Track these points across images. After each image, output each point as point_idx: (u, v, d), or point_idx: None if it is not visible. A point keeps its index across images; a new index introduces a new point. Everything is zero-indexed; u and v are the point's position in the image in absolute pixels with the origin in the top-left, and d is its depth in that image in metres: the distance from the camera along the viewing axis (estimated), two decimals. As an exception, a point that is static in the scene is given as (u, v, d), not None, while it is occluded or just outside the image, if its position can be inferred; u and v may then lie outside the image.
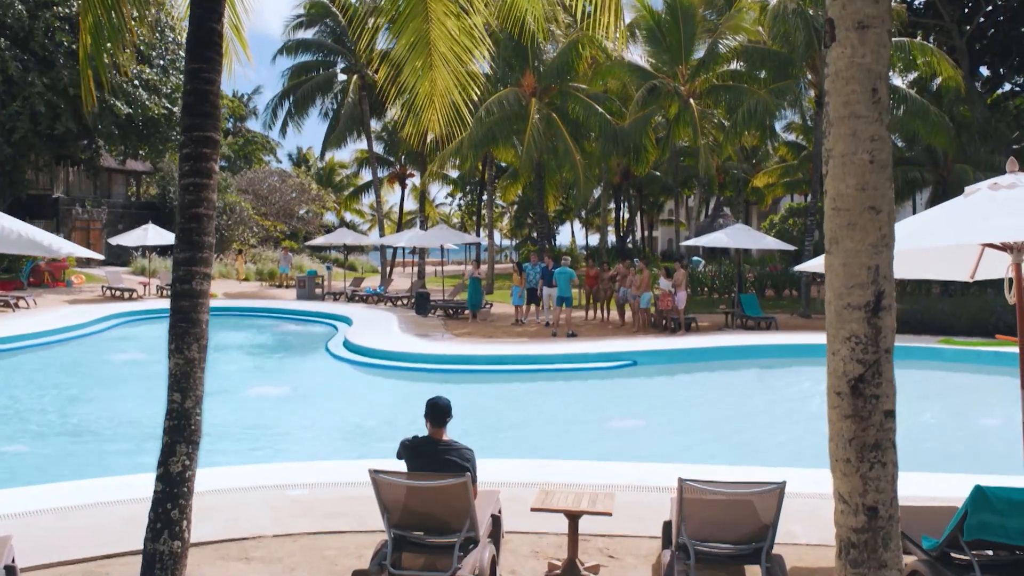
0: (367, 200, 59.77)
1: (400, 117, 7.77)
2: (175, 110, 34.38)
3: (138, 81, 33.10)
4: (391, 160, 49.59)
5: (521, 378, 15.85)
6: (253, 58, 7.94)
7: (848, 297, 2.69)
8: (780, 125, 36.27)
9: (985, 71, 36.50)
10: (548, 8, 10.35)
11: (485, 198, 44.53)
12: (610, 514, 5.57)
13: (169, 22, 33.30)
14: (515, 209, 62.32)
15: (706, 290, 33.33)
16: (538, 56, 30.24)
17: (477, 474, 5.61)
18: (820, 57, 23.40)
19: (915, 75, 29.02)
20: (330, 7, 37.51)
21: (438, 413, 5.52)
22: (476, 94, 8.01)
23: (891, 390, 2.70)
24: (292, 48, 38.45)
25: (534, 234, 54.53)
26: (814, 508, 7.03)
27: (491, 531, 5.88)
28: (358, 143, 42.69)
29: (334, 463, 9.01)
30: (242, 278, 39.94)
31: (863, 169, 2.66)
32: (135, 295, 29.85)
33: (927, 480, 8.23)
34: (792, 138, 42.97)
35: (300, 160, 71.10)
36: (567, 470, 8.51)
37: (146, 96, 33.45)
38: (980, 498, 4.59)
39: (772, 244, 22.87)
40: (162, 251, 37.81)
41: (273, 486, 7.79)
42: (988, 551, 5.06)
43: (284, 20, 38.43)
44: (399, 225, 53.95)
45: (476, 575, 5.21)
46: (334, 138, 39.22)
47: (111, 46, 5.85)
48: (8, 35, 30.29)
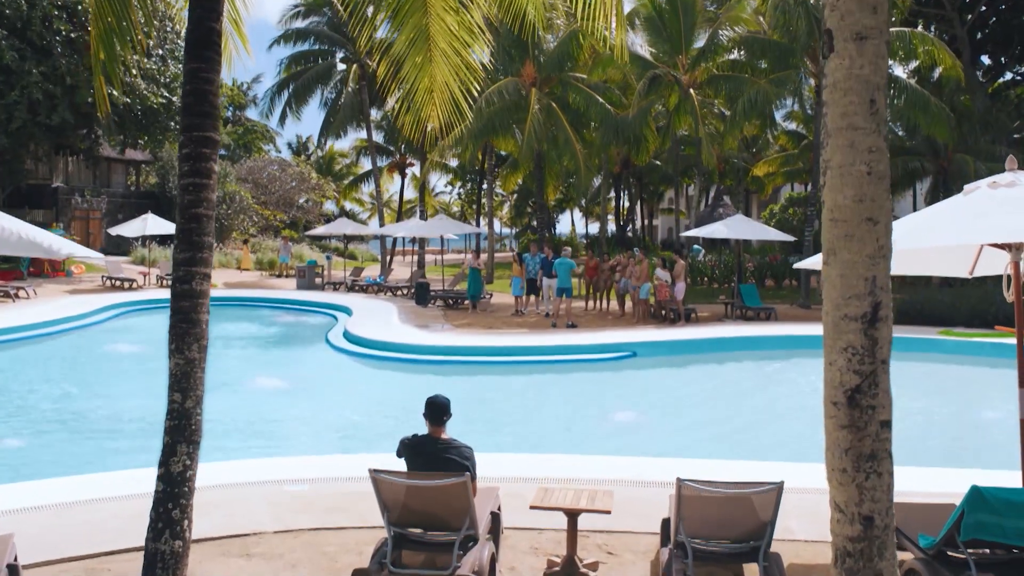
0: (367, 189, 59.70)
1: (400, 111, 7.73)
2: (174, 99, 34.30)
3: (136, 70, 33.02)
4: (391, 149, 49.51)
5: (521, 370, 15.89)
6: (251, 45, 7.91)
7: (845, 308, 2.70)
8: (780, 114, 36.21)
9: (986, 60, 36.43)
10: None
11: (485, 187, 44.46)
12: (609, 512, 5.60)
13: (168, 12, 33.18)
14: (515, 198, 62.25)
15: (706, 280, 33.35)
16: (538, 46, 30.15)
17: (476, 471, 5.64)
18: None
19: (916, 64, 28.95)
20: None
21: (436, 412, 5.53)
22: (476, 89, 7.99)
23: (887, 400, 2.71)
24: (291, 37, 38.34)
25: (534, 223, 54.52)
26: (812, 504, 7.06)
27: (490, 528, 5.91)
28: (358, 132, 42.63)
29: (334, 458, 9.05)
30: (248, 267, 39.94)
31: (861, 181, 2.67)
32: (135, 285, 29.85)
33: (925, 475, 8.27)
34: (792, 127, 42.90)
35: (300, 149, 70.99)
36: (567, 465, 8.53)
37: (144, 86, 33.38)
38: (976, 498, 4.61)
39: (772, 235, 22.86)
40: (162, 240, 37.79)
41: (273, 481, 7.82)
42: (985, 549, 5.09)
43: (282, 9, 38.33)
44: (399, 214, 53.90)
45: (475, 572, 5.24)
46: (334, 128, 39.12)
47: (121, 51, 5.84)
48: (5, 24, 30.19)
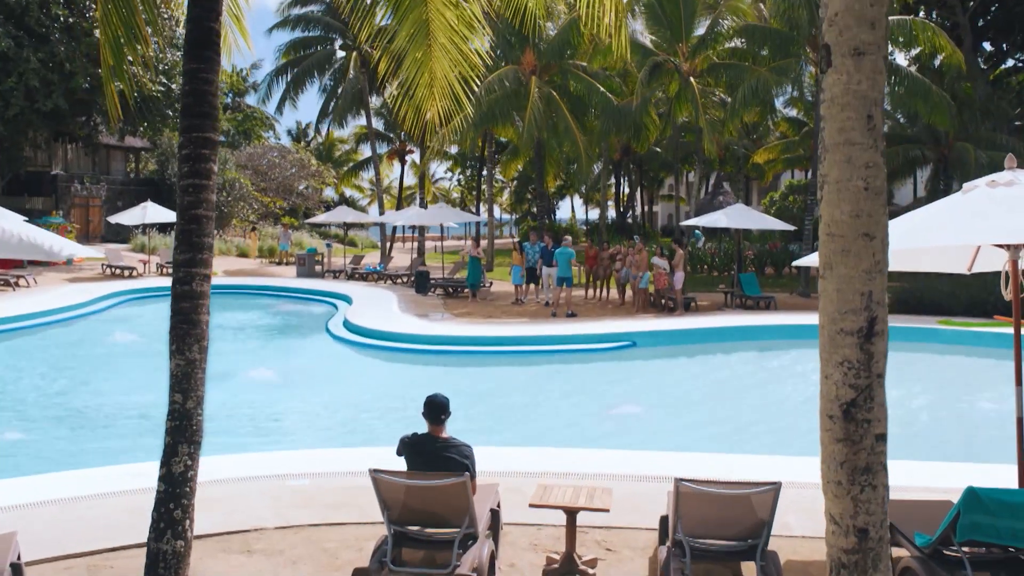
0: (367, 175, 59.61)
1: (400, 105, 7.72)
2: (173, 87, 34.20)
3: (132, 58, 32.93)
4: (390, 136, 49.41)
5: (520, 360, 15.92)
6: (250, 30, 7.87)
7: (841, 322, 2.72)
8: (780, 101, 36.13)
9: (988, 47, 36.31)
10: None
11: (485, 174, 44.41)
12: (607, 511, 5.64)
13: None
14: (515, 184, 62.16)
15: (705, 268, 33.37)
16: (538, 34, 30.04)
17: (476, 469, 5.69)
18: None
19: (917, 51, 28.86)
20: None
21: (435, 411, 5.56)
22: (476, 84, 7.98)
23: (883, 414, 2.73)
24: (290, 23, 38.21)
25: (534, 209, 54.48)
26: (810, 499, 7.09)
27: (490, 525, 5.95)
28: (358, 119, 42.56)
29: (334, 451, 9.09)
30: (254, 255, 39.92)
31: (858, 196, 2.68)
32: (135, 273, 29.85)
33: (923, 469, 8.31)
34: (793, 114, 42.80)
35: (299, 135, 70.82)
36: (566, 458, 8.57)
37: (142, 73, 33.28)
38: (972, 500, 4.65)
39: (771, 224, 22.86)
40: (162, 228, 37.76)
41: (274, 476, 7.86)
42: (980, 548, 5.12)
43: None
44: (399, 201, 53.85)
45: (475, 570, 5.29)
46: (335, 117, 39.06)
47: (130, 57, 5.85)
48: (3, 10, 30.08)
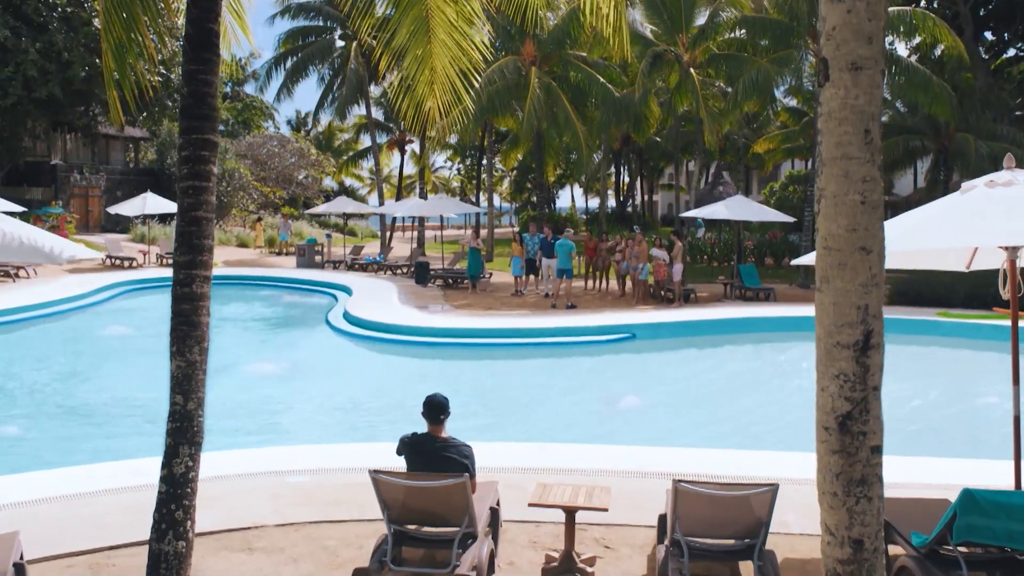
0: (366, 165, 59.50)
1: (399, 102, 7.73)
2: (172, 77, 34.11)
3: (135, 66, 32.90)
4: (390, 126, 49.30)
5: (520, 353, 15.95)
6: (250, 17, 7.84)
7: (838, 335, 2.74)
8: (781, 90, 36.03)
9: (989, 36, 36.20)
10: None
11: (484, 163, 44.35)
12: (606, 510, 5.67)
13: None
14: (515, 173, 62.08)
15: (705, 258, 33.38)
16: (538, 24, 29.92)
17: (476, 467, 5.72)
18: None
19: (918, 40, 28.77)
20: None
21: (434, 411, 5.59)
22: (476, 81, 7.98)
23: (878, 426, 2.76)
24: (291, 11, 38.10)
25: (534, 198, 54.44)
26: (809, 496, 7.09)
27: (489, 523, 5.99)
28: (358, 108, 42.45)
29: (334, 447, 9.13)
30: (261, 244, 39.84)
31: (854, 210, 2.70)
32: (135, 263, 29.88)
33: (921, 465, 8.34)
34: (793, 104, 42.65)
35: (299, 124, 70.68)
36: (565, 454, 8.61)
37: (143, 76, 33.23)
38: (968, 501, 4.68)
39: (771, 216, 22.86)
40: (162, 218, 37.72)
41: (274, 472, 7.90)
42: (977, 548, 5.16)
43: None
44: (398, 190, 53.76)
45: (474, 568, 5.33)
46: (338, 110, 39.06)
47: (132, 64, 5.86)
48: (1, 1, 30.00)
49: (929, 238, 5.72)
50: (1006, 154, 6.19)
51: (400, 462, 5.76)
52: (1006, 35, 35.45)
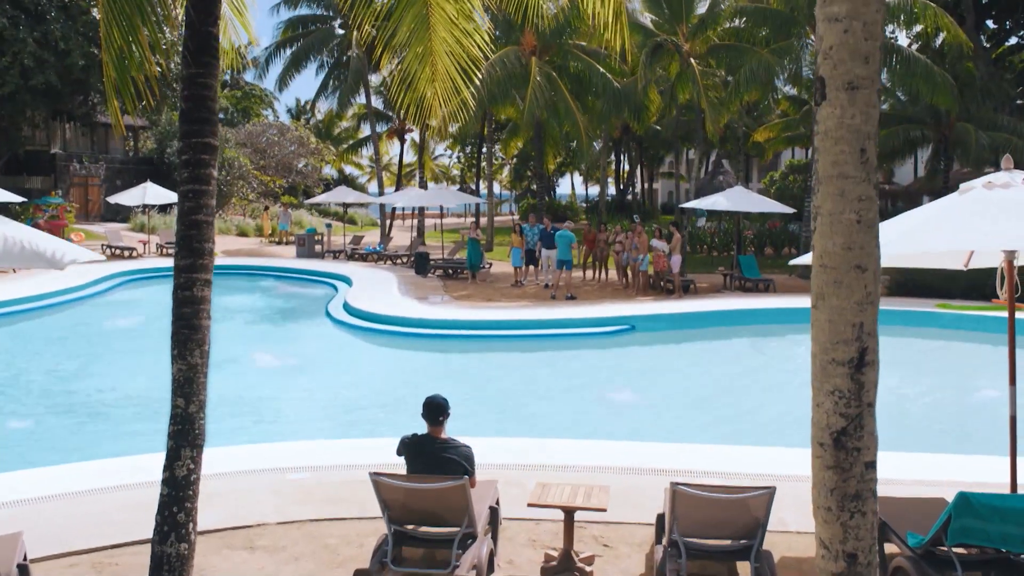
0: (366, 153, 59.39)
1: (400, 100, 7.74)
2: (171, 67, 33.98)
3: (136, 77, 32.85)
4: (389, 115, 49.17)
5: (520, 345, 15.99)
6: (249, 7, 7.82)
7: (833, 352, 2.77)
8: (781, 79, 35.92)
9: (991, 24, 36.06)
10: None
11: (484, 151, 44.28)
12: (604, 510, 5.71)
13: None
14: (515, 162, 61.96)
15: (705, 248, 33.38)
16: (538, 12, 29.80)
17: (475, 466, 5.77)
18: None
19: (919, 28, 28.68)
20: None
21: (434, 412, 5.63)
22: (477, 78, 7.98)
23: (872, 442, 2.79)
24: (293, 0, 38.03)
25: (534, 186, 54.35)
26: (806, 493, 7.13)
27: (489, 521, 6.04)
28: (357, 97, 42.36)
29: (334, 442, 9.17)
30: (268, 234, 39.79)
31: (850, 229, 2.72)
32: (135, 253, 29.88)
33: (918, 461, 8.39)
34: (794, 93, 42.52)
35: (299, 113, 70.49)
36: (565, 450, 8.65)
37: (143, 83, 33.17)
38: (963, 504, 4.72)
39: (771, 207, 22.85)
40: (162, 208, 37.70)
41: (274, 469, 7.93)
42: (973, 549, 5.20)
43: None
44: (398, 178, 53.63)
45: (474, 567, 5.38)
46: (339, 101, 39.03)
47: (132, 73, 5.86)
48: (-2, -10, 29.98)
49: (928, 238, 5.75)
50: (1004, 155, 6.21)
51: (400, 462, 5.80)
52: (1008, 23, 35.30)
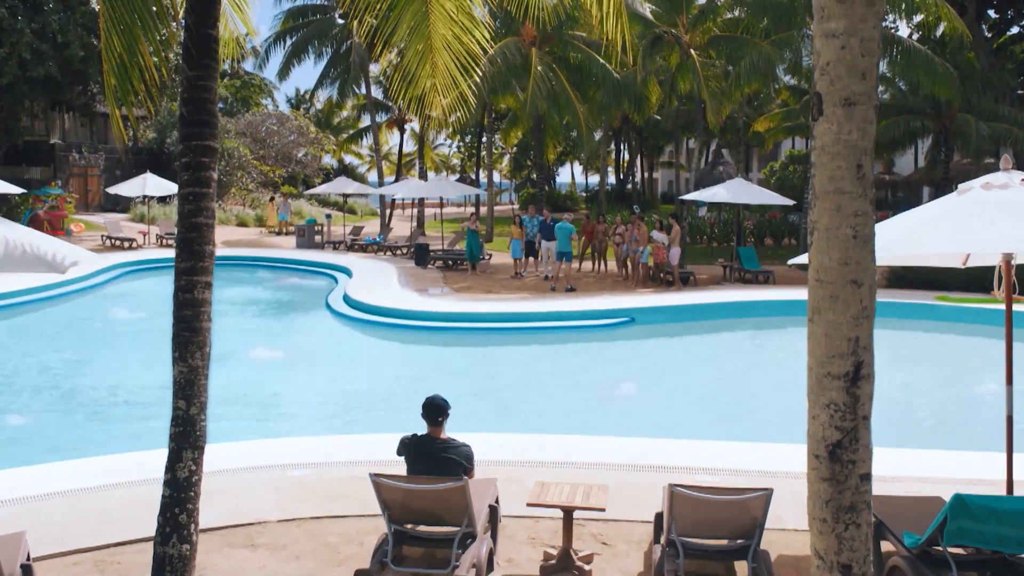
0: (366, 143, 59.28)
1: (401, 98, 7.76)
2: (171, 57, 33.92)
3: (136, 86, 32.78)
4: (389, 105, 49.05)
5: (519, 337, 16.00)
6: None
7: (829, 366, 2.80)
8: (781, 69, 35.84)
9: (993, 14, 35.93)
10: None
11: (484, 140, 44.23)
12: (603, 510, 5.75)
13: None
14: (515, 151, 61.88)
15: (705, 239, 33.39)
16: (539, 6, 29.72)
17: (475, 464, 5.81)
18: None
19: (920, 18, 28.60)
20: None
21: (433, 412, 5.67)
22: (477, 75, 7.98)
23: (867, 455, 2.82)
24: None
25: (534, 176, 54.28)
26: (804, 490, 7.18)
27: (488, 520, 6.08)
28: (358, 88, 42.25)
29: (334, 438, 9.21)
30: (273, 224, 39.72)
31: (846, 244, 2.74)
32: (135, 244, 29.88)
33: (916, 457, 8.43)
34: (794, 83, 42.42)
35: (298, 102, 70.30)
36: (564, 446, 8.68)
37: (143, 89, 33.08)
38: (959, 506, 4.75)
39: (771, 199, 22.86)
40: (161, 198, 37.65)
41: (275, 466, 7.96)
42: (969, 548, 5.24)
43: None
44: (398, 168, 53.58)
45: (474, 566, 5.42)
46: (340, 95, 39.01)
47: (133, 83, 5.87)
48: (-5, -19, 29.90)
49: (927, 239, 5.78)
50: (1003, 155, 6.22)
51: (401, 460, 5.84)
52: (1009, 13, 35.18)
